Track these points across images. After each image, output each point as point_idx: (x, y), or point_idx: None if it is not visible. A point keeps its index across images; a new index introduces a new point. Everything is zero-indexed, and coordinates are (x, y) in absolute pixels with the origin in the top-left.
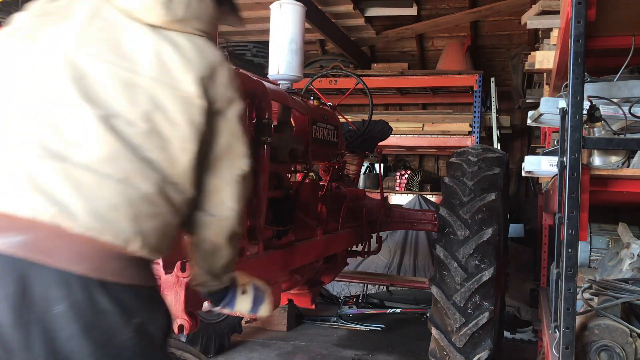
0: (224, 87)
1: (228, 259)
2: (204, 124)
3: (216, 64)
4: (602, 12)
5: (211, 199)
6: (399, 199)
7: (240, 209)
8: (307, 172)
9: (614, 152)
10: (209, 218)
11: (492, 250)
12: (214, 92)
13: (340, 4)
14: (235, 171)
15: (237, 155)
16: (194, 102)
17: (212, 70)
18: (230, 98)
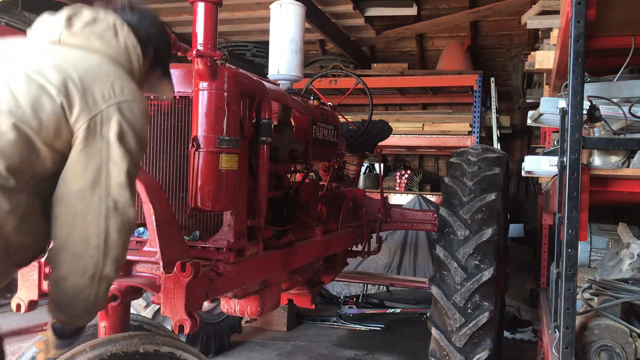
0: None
1: (92, 302)
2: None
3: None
4: (602, 12)
5: (70, 235)
6: (399, 199)
7: (114, 248)
8: (307, 172)
9: (614, 152)
10: (68, 255)
11: (492, 250)
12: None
13: (340, 4)
14: (105, 204)
15: (110, 185)
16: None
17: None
18: (107, 115)
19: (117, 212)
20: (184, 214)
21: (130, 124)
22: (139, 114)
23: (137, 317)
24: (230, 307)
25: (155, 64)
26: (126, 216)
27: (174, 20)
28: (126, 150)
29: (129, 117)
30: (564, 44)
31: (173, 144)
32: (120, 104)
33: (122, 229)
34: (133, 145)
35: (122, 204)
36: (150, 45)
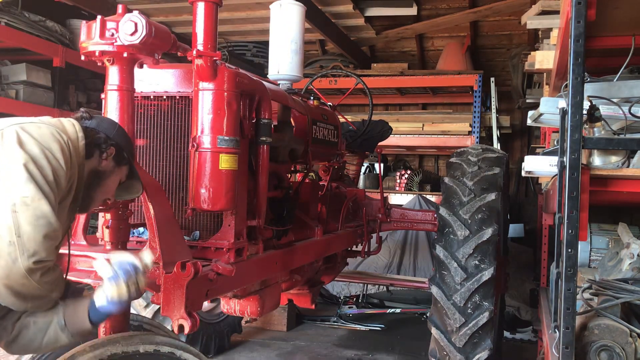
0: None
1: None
2: None
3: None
4: (602, 12)
5: None
6: (399, 199)
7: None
8: (307, 172)
9: (614, 152)
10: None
11: (492, 250)
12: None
13: (340, 4)
14: (10, 200)
15: (12, 180)
16: None
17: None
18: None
19: (26, 207)
20: (184, 214)
21: (31, 135)
22: (47, 132)
23: (137, 317)
24: (230, 307)
25: (119, 161)
26: (38, 209)
27: (174, 20)
28: (24, 149)
29: (32, 131)
30: (564, 44)
31: (173, 144)
32: (24, 124)
33: (35, 222)
34: (34, 148)
35: (31, 198)
36: (110, 143)
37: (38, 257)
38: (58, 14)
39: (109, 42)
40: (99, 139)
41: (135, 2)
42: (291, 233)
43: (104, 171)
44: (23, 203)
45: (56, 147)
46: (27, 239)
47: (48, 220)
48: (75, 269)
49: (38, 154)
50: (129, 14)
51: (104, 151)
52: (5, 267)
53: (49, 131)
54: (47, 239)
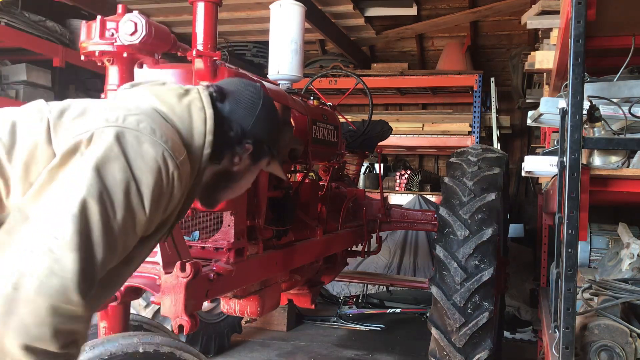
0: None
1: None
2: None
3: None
4: (602, 12)
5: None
6: (399, 199)
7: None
8: (307, 172)
9: (614, 152)
10: None
11: (492, 250)
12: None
13: (340, 4)
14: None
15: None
16: None
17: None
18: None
19: (46, 253)
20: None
21: (125, 154)
22: (150, 153)
23: (137, 317)
24: (230, 307)
25: (257, 157)
26: (60, 263)
27: (174, 20)
28: (100, 178)
29: (129, 145)
30: (564, 44)
31: None
32: (125, 129)
33: (45, 280)
34: (115, 179)
35: (60, 244)
36: (246, 142)
37: (25, 339)
38: (58, 14)
39: (109, 42)
40: (231, 139)
41: (135, 2)
42: (291, 233)
43: (236, 172)
44: (46, 246)
45: (150, 183)
46: (23, 300)
47: (65, 288)
48: None
49: (116, 186)
50: (128, 14)
51: (237, 154)
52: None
53: (155, 153)
54: (53, 317)
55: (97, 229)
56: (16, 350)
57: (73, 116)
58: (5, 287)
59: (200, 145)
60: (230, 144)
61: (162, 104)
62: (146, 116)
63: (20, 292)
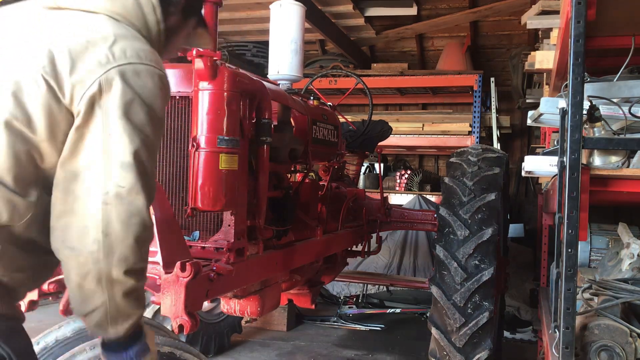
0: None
1: (109, 310)
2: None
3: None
4: (602, 12)
5: (68, 225)
6: (399, 199)
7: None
8: (307, 172)
9: (614, 152)
10: (66, 251)
11: (492, 250)
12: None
13: (340, 4)
14: (103, 188)
15: (110, 165)
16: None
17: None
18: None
19: (120, 200)
20: (184, 214)
21: (135, 91)
22: (149, 79)
23: None
24: (230, 307)
25: (187, 15)
26: (133, 205)
27: None
28: (131, 123)
29: (134, 82)
30: (564, 44)
31: (173, 144)
32: (123, 67)
33: (128, 221)
34: (141, 118)
35: (127, 190)
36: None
37: (127, 266)
38: None
39: None
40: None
41: None
42: (291, 233)
43: (170, 29)
44: (117, 194)
45: (159, 102)
46: (116, 240)
47: (142, 218)
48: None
49: (143, 123)
50: None
51: (171, 6)
52: (84, 265)
53: (153, 80)
54: (139, 243)
55: (147, 163)
56: (122, 277)
57: (67, 68)
58: (98, 236)
59: (157, 34)
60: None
61: (111, 3)
62: (121, 38)
63: (111, 237)
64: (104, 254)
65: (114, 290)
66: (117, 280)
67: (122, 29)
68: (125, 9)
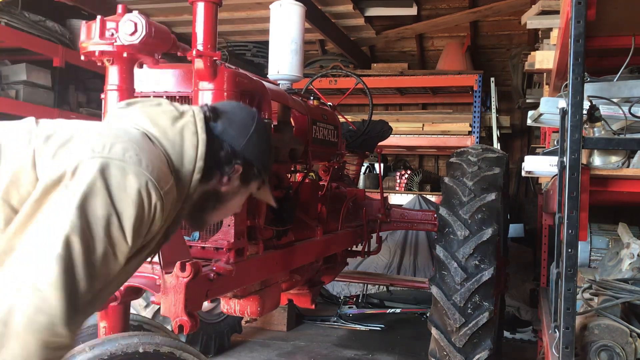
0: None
1: None
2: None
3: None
4: (602, 12)
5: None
6: (399, 199)
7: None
8: (307, 172)
9: (614, 152)
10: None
11: (492, 250)
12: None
13: (340, 4)
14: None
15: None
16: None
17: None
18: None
19: (34, 291)
20: None
21: (107, 187)
22: (133, 185)
23: (137, 317)
24: (230, 307)
25: (247, 179)
26: (46, 303)
27: (174, 20)
28: (83, 216)
29: (113, 178)
30: (564, 44)
31: None
32: (110, 160)
33: (33, 317)
34: (97, 216)
35: (46, 283)
36: (236, 162)
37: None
38: (58, 14)
39: (109, 42)
40: (220, 159)
41: (135, 2)
42: (291, 233)
43: (225, 193)
44: (33, 285)
45: (131, 215)
46: (12, 335)
47: (51, 322)
48: None
49: (98, 232)
50: (128, 14)
51: (226, 174)
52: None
53: (138, 188)
54: (41, 349)
55: (80, 265)
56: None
57: (59, 143)
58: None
59: (190, 171)
60: (219, 164)
61: (154, 127)
62: (133, 143)
63: (9, 328)
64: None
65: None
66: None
67: (145, 143)
68: (164, 134)
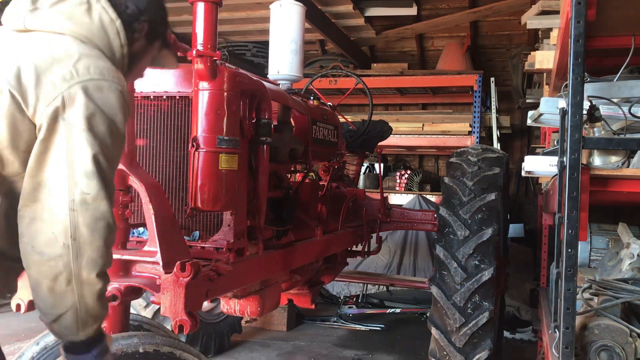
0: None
1: (79, 312)
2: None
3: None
4: (602, 12)
5: (37, 232)
6: (399, 199)
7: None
8: (307, 172)
9: (614, 152)
10: (36, 257)
11: (492, 250)
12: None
13: (340, 4)
14: (69, 196)
15: (74, 174)
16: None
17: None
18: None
19: (86, 206)
20: (184, 214)
21: (97, 105)
22: (111, 95)
23: (137, 317)
24: (230, 307)
25: (151, 38)
26: (98, 211)
27: (174, 20)
28: (93, 134)
29: (97, 97)
30: (564, 44)
31: (173, 144)
32: (85, 82)
33: (94, 225)
34: (102, 130)
35: (92, 197)
36: (143, 19)
37: (96, 268)
38: None
39: None
40: (129, 18)
41: None
42: (291, 233)
43: (135, 53)
44: (83, 201)
45: (120, 116)
46: (84, 243)
47: (107, 222)
48: None
49: (105, 135)
50: None
51: (135, 31)
52: (55, 268)
53: (114, 94)
54: (107, 245)
55: (108, 171)
56: (91, 278)
57: (32, 82)
58: (67, 241)
59: (120, 56)
60: (129, 23)
61: (77, 26)
62: (85, 57)
63: (80, 240)
64: (74, 257)
65: (84, 292)
66: (87, 282)
67: (87, 49)
68: (91, 32)
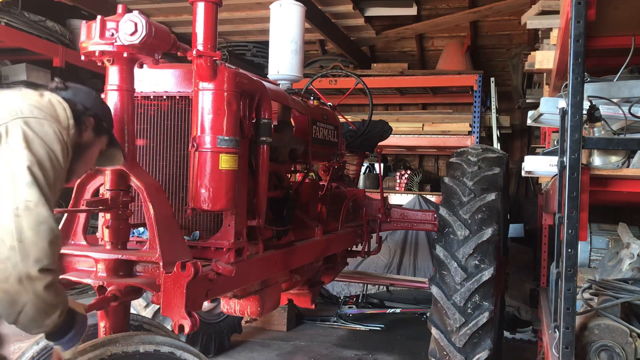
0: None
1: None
2: None
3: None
4: (602, 12)
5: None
6: (399, 199)
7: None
8: (307, 172)
9: (614, 152)
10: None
11: (492, 250)
12: None
13: (340, 4)
14: (14, 203)
15: (17, 185)
16: None
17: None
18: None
19: (29, 211)
20: (184, 214)
21: (37, 134)
22: (50, 130)
23: (137, 317)
24: (230, 307)
25: (98, 131)
26: (41, 215)
27: (174, 20)
28: (32, 152)
29: (37, 129)
30: (564, 44)
31: (173, 144)
32: (28, 118)
33: (37, 228)
34: (41, 153)
35: (34, 203)
36: (89, 114)
37: (41, 265)
38: (58, 14)
39: (109, 42)
40: (77, 112)
41: (135, 2)
42: (291, 233)
43: (84, 143)
44: (26, 207)
45: (58, 148)
46: (29, 244)
47: (50, 226)
48: (75, 269)
49: (43, 157)
50: (129, 14)
51: (83, 123)
52: (4, 271)
53: (52, 130)
54: (51, 245)
55: (45, 184)
56: (39, 274)
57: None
58: (13, 243)
59: (67, 126)
60: (78, 116)
61: (30, 100)
62: (32, 106)
63: (26, 242)
64: (21, 257)
65: (36, 286)
66: (36, 278)
67: (36, 108)
68: (40, 104)
